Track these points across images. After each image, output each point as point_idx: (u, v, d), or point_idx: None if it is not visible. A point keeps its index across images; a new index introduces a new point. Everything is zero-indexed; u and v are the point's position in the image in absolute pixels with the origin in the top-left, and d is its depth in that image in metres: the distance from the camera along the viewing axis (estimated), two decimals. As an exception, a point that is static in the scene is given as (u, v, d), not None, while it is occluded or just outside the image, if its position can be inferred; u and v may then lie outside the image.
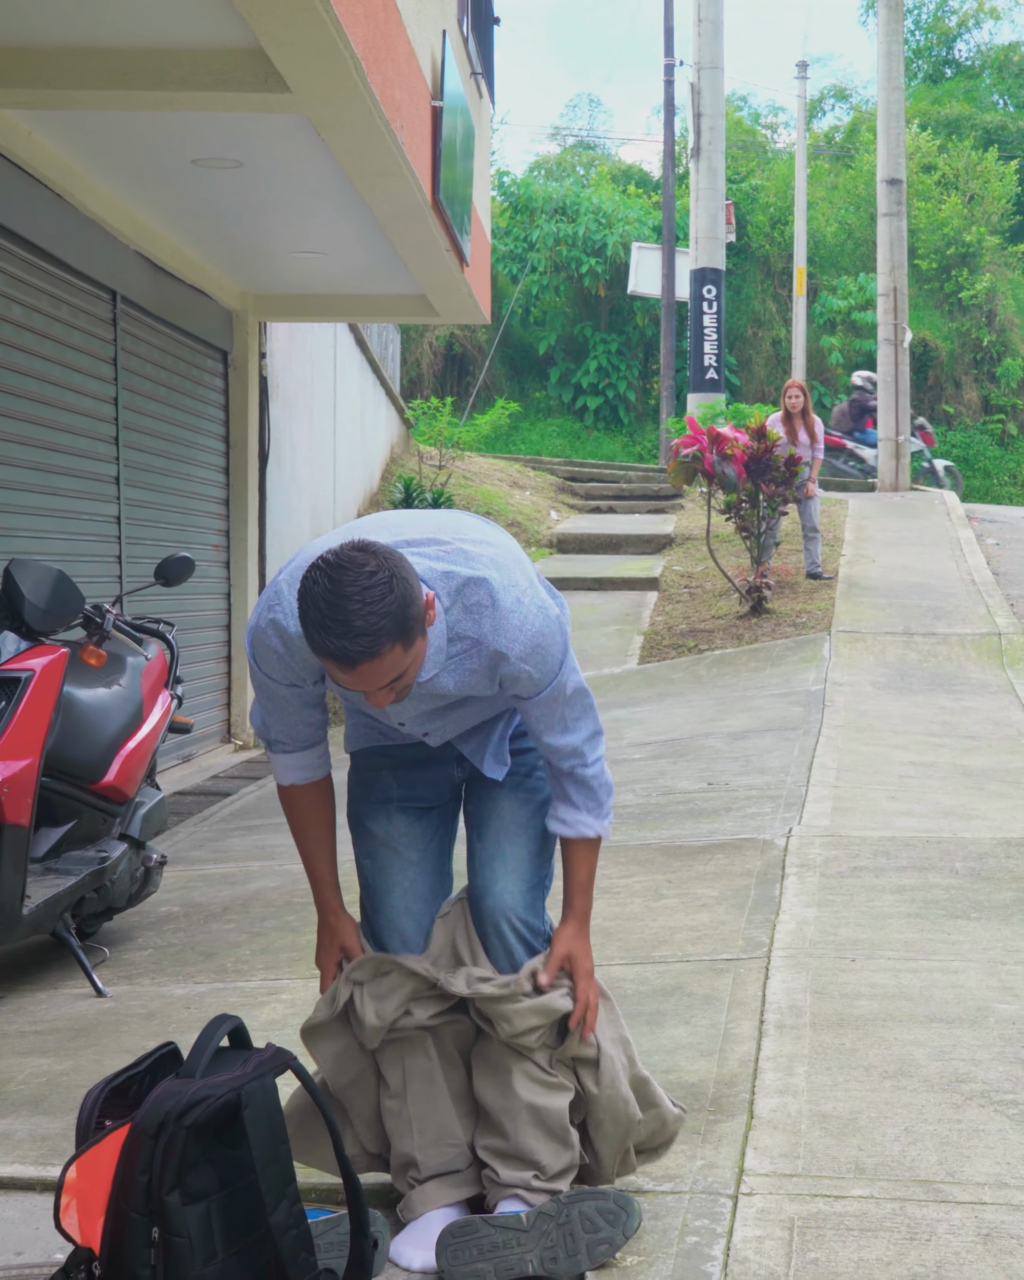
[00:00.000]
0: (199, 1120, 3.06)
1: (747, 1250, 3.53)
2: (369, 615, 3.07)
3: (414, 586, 3.16)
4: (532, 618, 3.36)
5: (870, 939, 5.84)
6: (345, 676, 3.16)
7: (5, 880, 5.34)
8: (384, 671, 3.15)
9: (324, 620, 3.08)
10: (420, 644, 3.22)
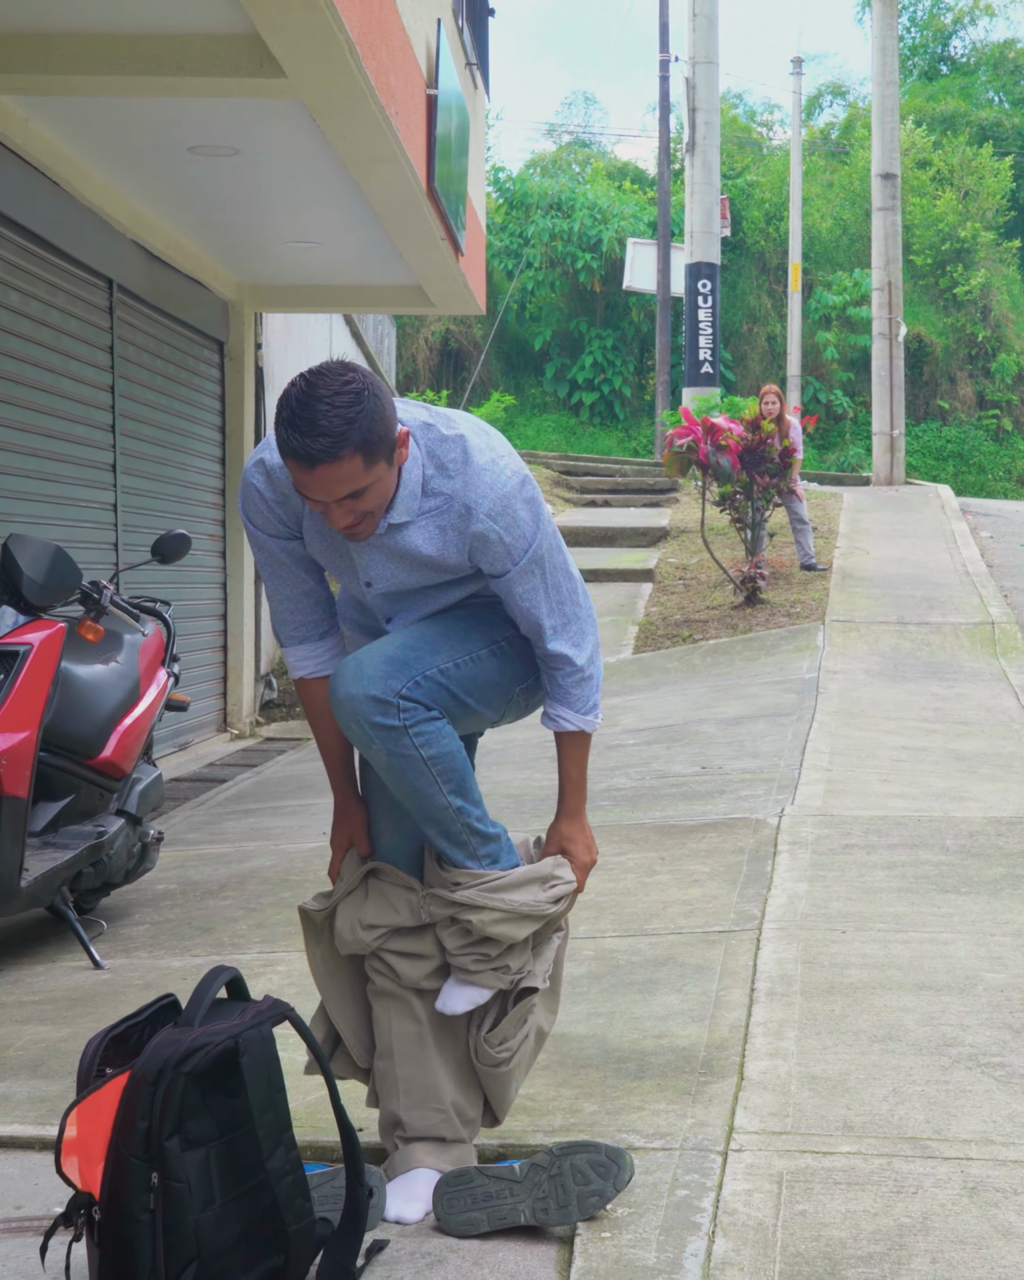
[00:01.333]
0: (197, 1067, 3.10)
1: (736, 1203, 3.58)
2: (335, 417, 3.18)
3: (387, 409, 3.28)
4: (504, 478, 3.41)
5: (861, 912, 5.89)
6: (305, 479, 3.24)
7: (3, 852, 5.39)
8: (341, 480, 3.24)
9: (293, 418, 3.20)
10: (384, 470, 3.30)
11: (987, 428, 35.66)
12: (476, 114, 13.25)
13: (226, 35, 7.31)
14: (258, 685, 14.08)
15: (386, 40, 8.04)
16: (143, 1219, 3.05)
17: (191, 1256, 3.06)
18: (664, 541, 19.57)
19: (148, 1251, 3.04)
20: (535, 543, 3.48)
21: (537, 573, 3.51)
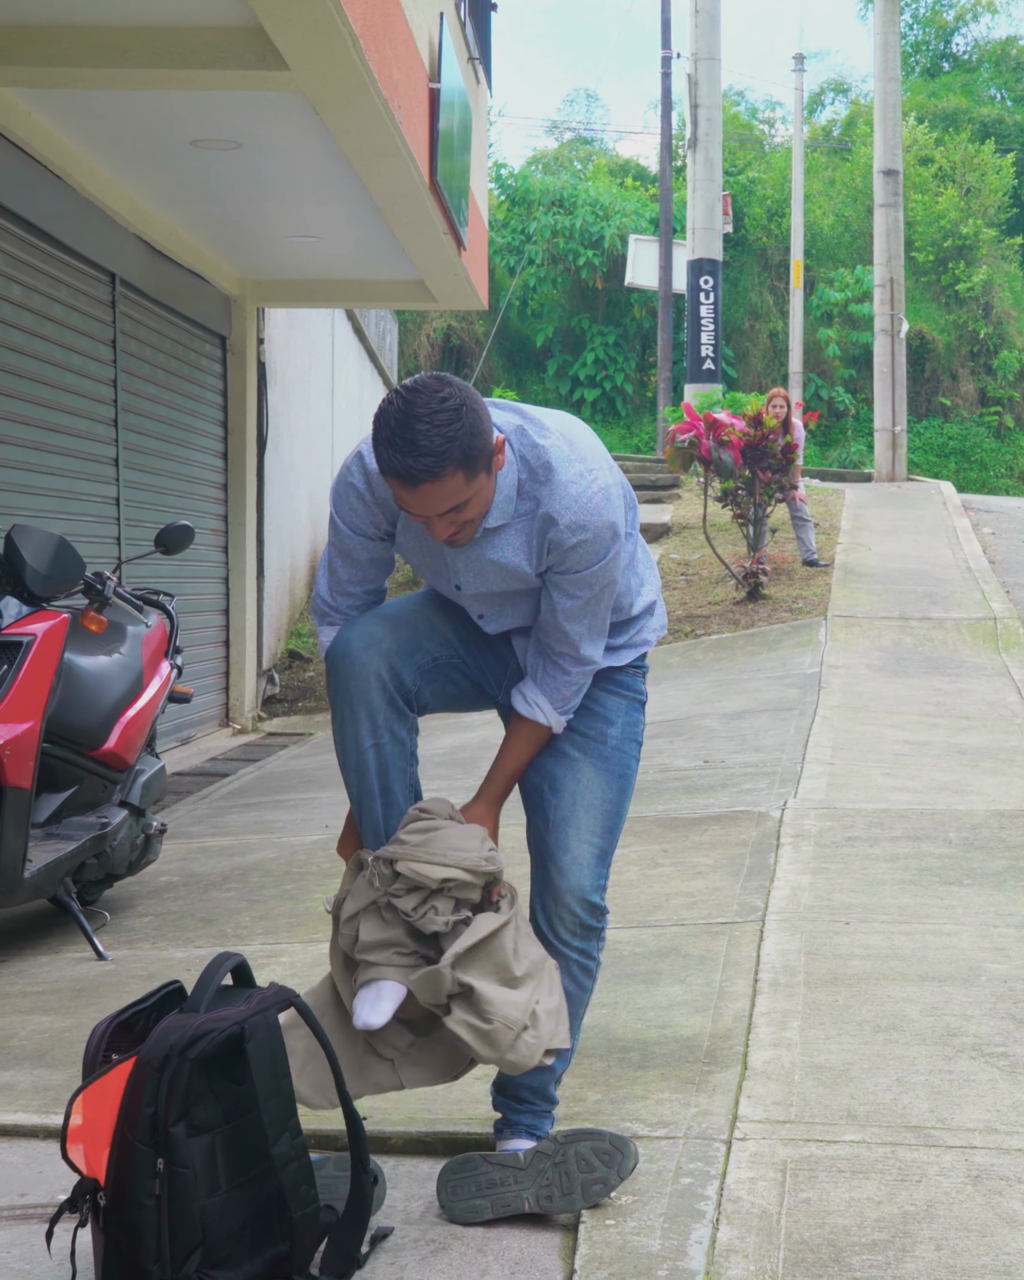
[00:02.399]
0: (203, 1054, 3.10)
1: (740, 1190, 3.58)
2: (435, 436, 3.17)
3: (484, 421, 3.27)
4: (592, 495, 3.39)
5: (865, 904, 5.90)
6: (407, 495, 3.24)
7: (7, 842, 5.39)
8: (444, 496, 3.24)
9: (393, 437, 3.19)
10: (484, 481, 3.31)
11: (988, 424, 35.66)
12: (479, 109, 13.24)
13: (229, 27, 7.31)
14: (260, 680, 14.08)
15: (389, 33, 8.03)
16: (148, 1204, 3.05)
17: (196, 1242, 3.07)
18: (666, 537, 19.55)
19: (153, 1237, 3.04)
20: (605, 560, 3.44)
21: (594, 588, 3.48)
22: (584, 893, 3.60)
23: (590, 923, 3.63)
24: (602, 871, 3.65)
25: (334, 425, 17.66)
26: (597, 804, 3.65)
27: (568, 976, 3.63)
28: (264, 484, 14.05)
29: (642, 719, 3.80)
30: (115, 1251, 3.08)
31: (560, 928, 3.62)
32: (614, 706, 3.71)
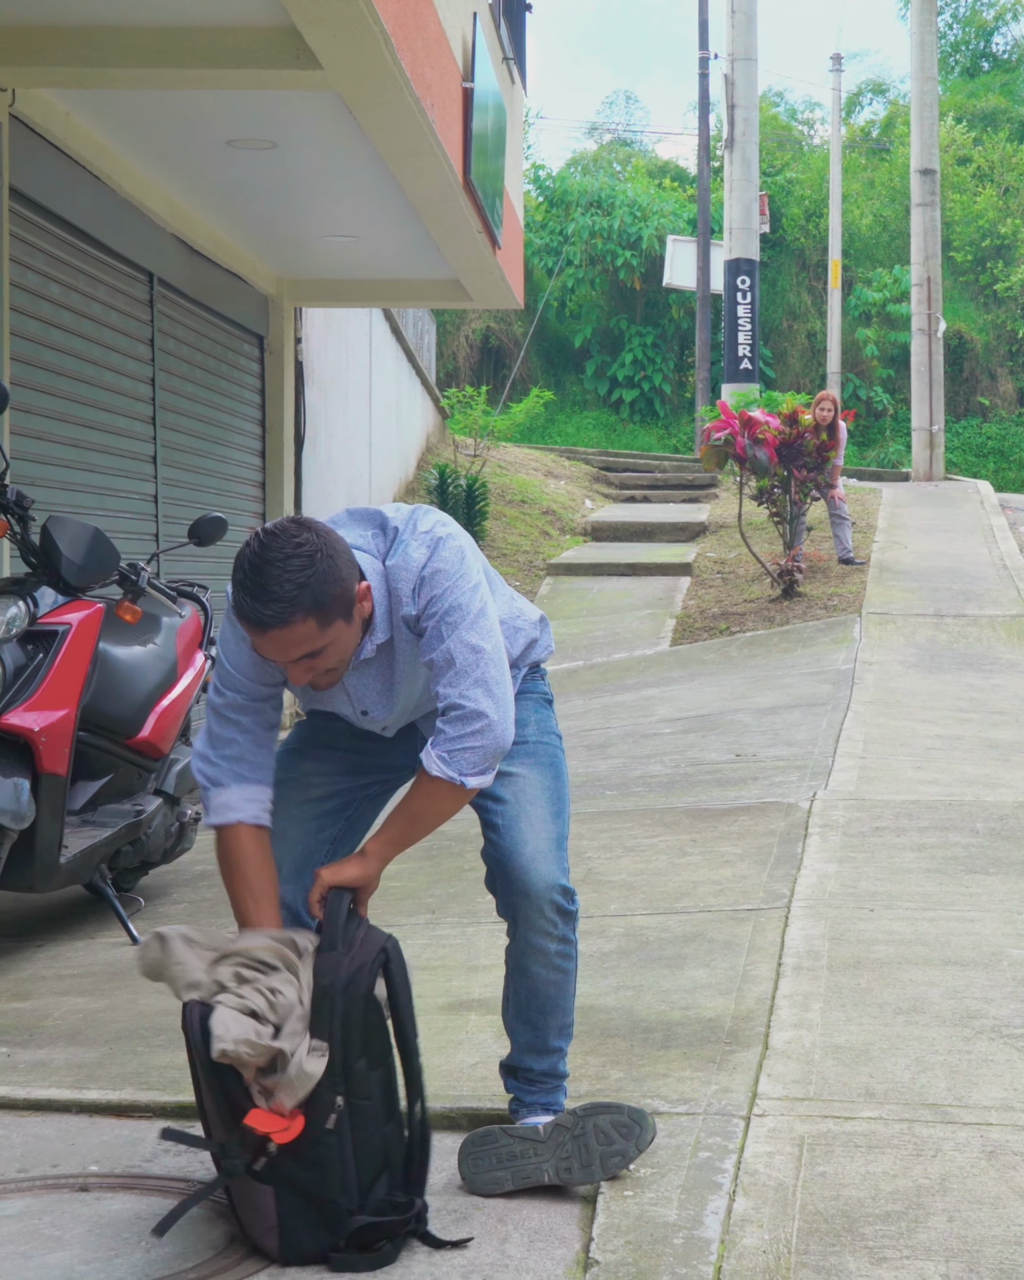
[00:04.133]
0: (368, 987, 3.32)
1: (757, 1164, 3.65)
2: (287, 583, 3.17)
3: (342, 568, 3.25)
4: (413, 559, 3.39)
5: (889, 891, 5.95)
6: (258, 641, 3.25)
7: (43, 829, 5.48)
8: (294, 643, 3.23)
9: (245, 581, 3.21)
10: (341, 629, 3.29)
11: (1027, 424, 35.59)
12: (514, 108, 13.32)
13: (263, 27, 7.39)
14: (297, 677, 14.16)
15: (422, 33, 8.11)
16: (329, 1140, 3.27)
17: (381, 1168, 3.33)
18: (703, 536, 19.61)
19: (337, 1169, 3.27)
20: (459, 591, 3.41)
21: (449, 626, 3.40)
22: (554, 880, 3.62)
23: (566, 906, 3.66)
24: (561, 856, 3.68)
25: (372, 424, 17.75)
26: (538, 794, 3.70)
27: (548, 966, 3.68)
28: (301, 482, 14.14)
29: (551, 713, 3.88)
30: (294, 1192, 3.27)
31: (538, 924, 3.63)
32: (523, 708, 3.76)
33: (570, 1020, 3.80)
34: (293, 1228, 3.28)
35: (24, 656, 5.54)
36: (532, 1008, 3.71)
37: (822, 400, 15.90)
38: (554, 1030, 3.74)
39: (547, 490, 22.06)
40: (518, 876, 3.63)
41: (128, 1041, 4.71)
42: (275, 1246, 3.28)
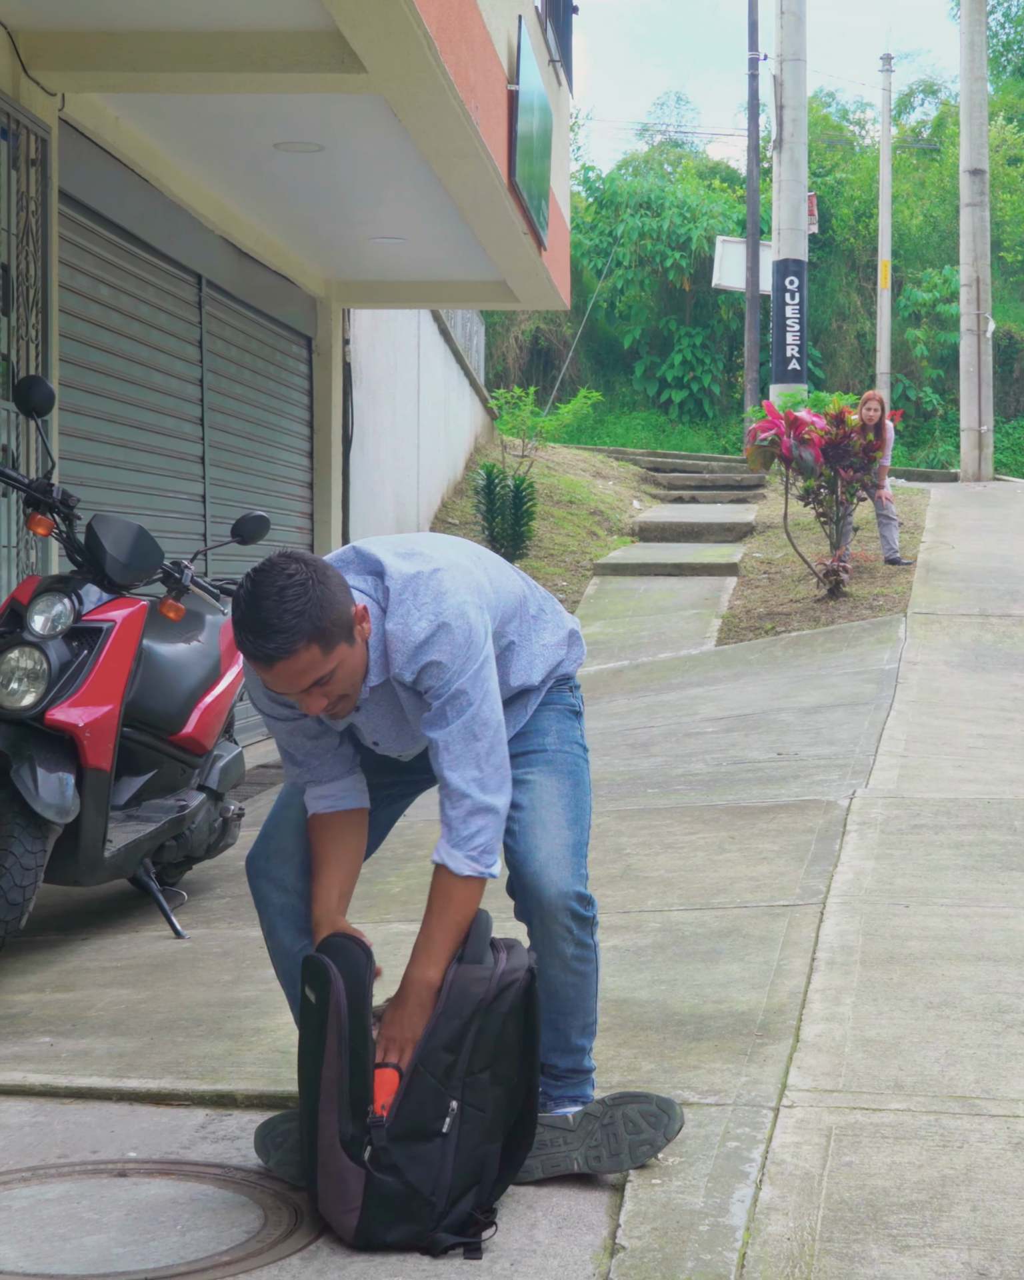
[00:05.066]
0: (513, 1005, 3.44)
1: (784, 1154, 3.70)
2: (284, 614, 3.24)
3: (335, 593, 3.32)
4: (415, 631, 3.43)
5: (925, 888, 5.98)
6: (267, 676, 3.32)
7: (87, 823, 5.56)
8: (301, 672, 3.29)
9: (244, 620, 3.28)
10: (345, 651, 3.34)
11: (1078, 425, 35.46)
12: (560, 111, 13.37)
13: (308, 32, 7.48)
14: (344, 676, 14.24)
15: (466, 36, 8.18)
16: (437, 1140, 3.36)
17: (474, 1181, 3.40)
18: (750, 536, 19.63)
19: (436, 1170, 3.35)
20: (458, 681, 3.45)
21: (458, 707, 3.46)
22: (569, 887, 3.65)
23: (581, 912, 3.69)
24: (579, 862, 3.71)
25: (420, 425, 17.83)
26: (555, 801, 3.72)
27: (565, 970, 3.72)
28: (349, 483, 14.24)
29: (577, 724, 3.90)
30: (387, 1182, 3.33)
31: (553, 930, 3.67)
32: (544, 718, 3.82)
33: (593, 1019, 3.85)
34: (376, 1215, 3.33)
35: (69, 653, 5.62)
36: (551, 1009, 3.75)
37: (868, 400, 15.91)
38: (576, 1030, 3.80)
39: (594, 491, 22.11)
40: (531, 883, 3.66)
41: (168, 1032, 4.79)
42: (352, 1228, 3.33)
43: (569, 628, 3.93)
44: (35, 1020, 4.99)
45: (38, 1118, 4.11)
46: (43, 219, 7.85)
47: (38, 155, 7.79)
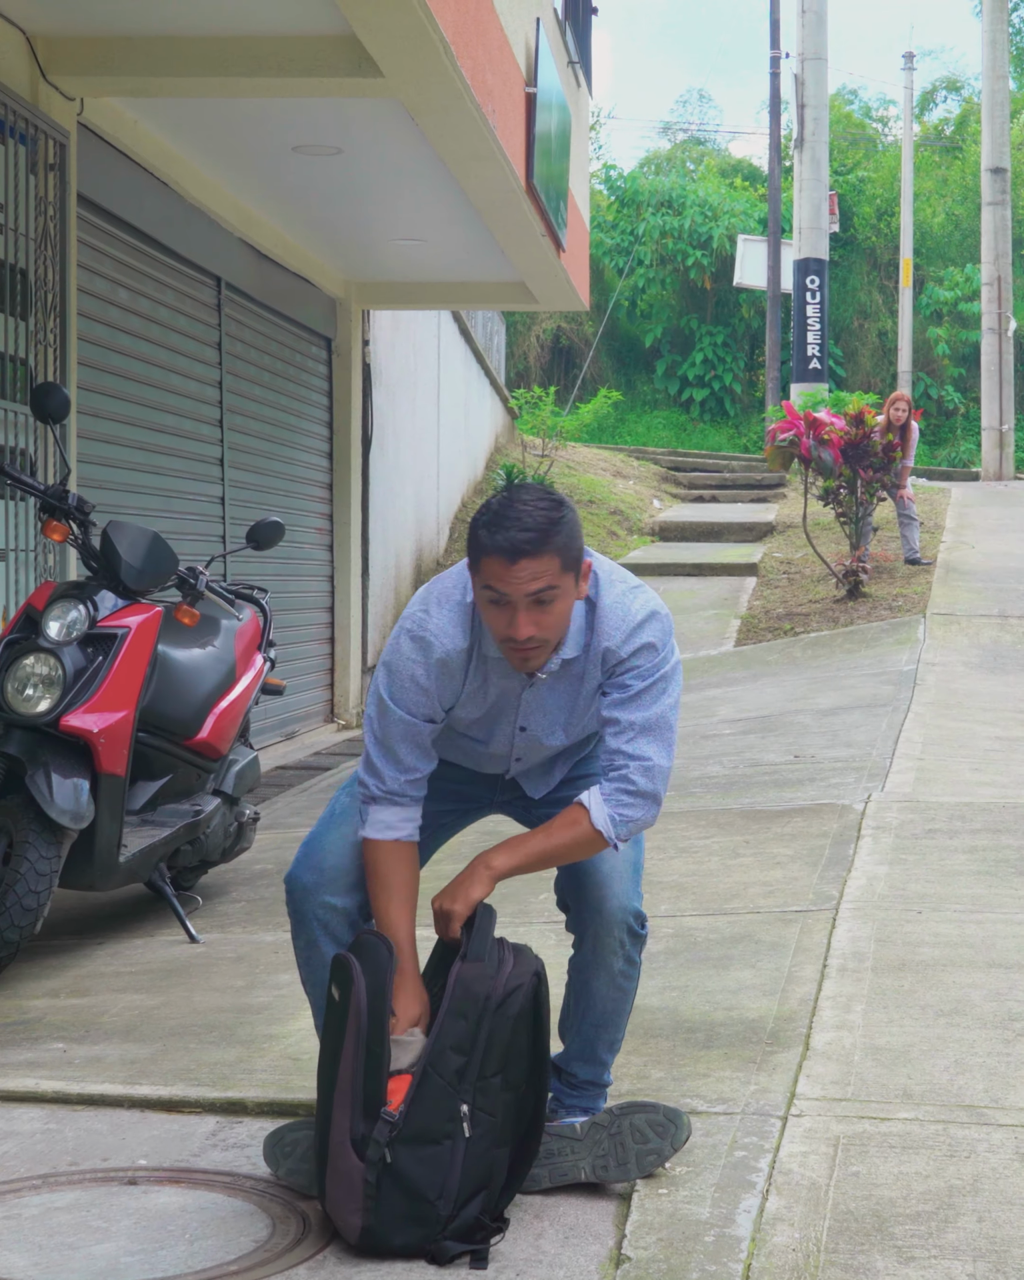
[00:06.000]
0: (522, 1009, 3.44)
1: (791, 1164, 3.71)
2: (540, 517, 3.37)
3: (580, 530, 3.47)
4: (633, 611, 3.55)
5: (938, 893, 5.99)
6: (503, 571, 3.35)
7: (102, 828, 5.58)
8: (539, 573, 3.36)
9: (498, 519, 3.38)
10: (571, 585, 3.43)
11: (1101, 424, 35.34)
12: (579, 112, 13.37)
13: (325, 36, 7.49)
14: (364, 677, 14.28)
15: (483, 39, 8.19)
16: (446, 1144, 3.37)
17: (481, 1186, 3.39)
18: (770, 536, 19.63)
19: (443, 1174, 3.35)
20: (663, 670, 3.54)
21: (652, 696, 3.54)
22: (628, 902, 3.68)
23: (638, 931, 3.73)
24: (638, 879, 3.75)
25: (440, 426, 17.84)
26: None
27: (611, 984, 3.75)
28: (369, 484, 14.26)
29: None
30: (395, 1184, 3.34)
31: (607, 943, 3.69)
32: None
33: (621, 1036, 3.87)
34: (382, 1217, 3.35)
35: (84, 659, 5.64)
36: (587, 1021, 3.78)
37: (896, 401, 15.91)
38: (604, 1044, 3.82)
39: (615, 490, 22.12)
40: (593, 894, 3.69)
41: (181, 1038, 4.81)
42: (358, 1227, 3.35)
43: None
44: (49, 1026, 5.01)
45: (50, 1124, 4.13)
46: (61, 223, 7.87)
47: (56, 160, 7.81)
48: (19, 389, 7.54)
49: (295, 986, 5.24)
